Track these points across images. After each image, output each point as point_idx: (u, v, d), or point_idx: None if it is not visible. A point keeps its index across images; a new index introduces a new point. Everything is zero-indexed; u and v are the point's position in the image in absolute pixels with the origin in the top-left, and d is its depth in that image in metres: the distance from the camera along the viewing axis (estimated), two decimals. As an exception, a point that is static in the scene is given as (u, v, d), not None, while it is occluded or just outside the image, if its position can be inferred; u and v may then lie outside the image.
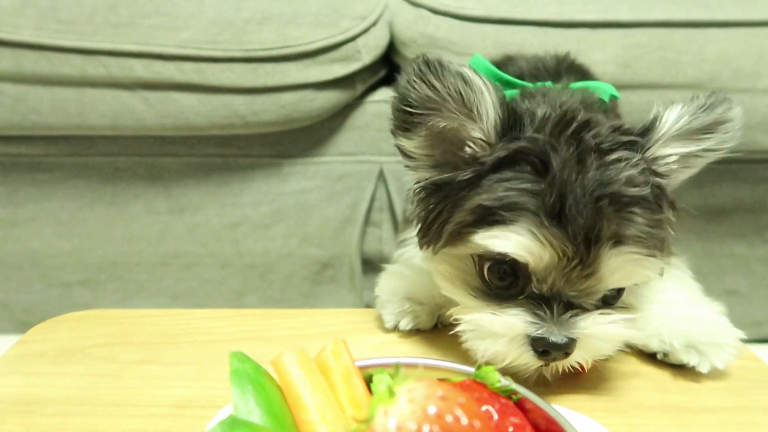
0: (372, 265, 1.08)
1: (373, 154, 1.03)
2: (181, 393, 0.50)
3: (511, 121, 0.47)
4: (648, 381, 0.53)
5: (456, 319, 0.50)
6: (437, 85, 0.46)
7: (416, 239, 0.55)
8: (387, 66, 1.05)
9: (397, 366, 0.30)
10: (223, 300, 1.10)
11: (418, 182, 0.52)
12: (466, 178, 0.48)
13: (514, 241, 0.45)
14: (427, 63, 0.45)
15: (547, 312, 0.46)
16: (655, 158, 0.49)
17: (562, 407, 0.35)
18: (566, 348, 0.46)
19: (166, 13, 0.90)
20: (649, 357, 0.56)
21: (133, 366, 0.54)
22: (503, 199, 0.45)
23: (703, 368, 0.53)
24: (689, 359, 0.53)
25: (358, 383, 0.33)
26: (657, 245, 0.46)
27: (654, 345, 0.55)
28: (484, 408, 0.30)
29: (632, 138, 0.48)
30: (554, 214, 0.44)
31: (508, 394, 0.33)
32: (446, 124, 0.48)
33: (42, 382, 0.52)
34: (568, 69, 0.72)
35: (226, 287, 1.10)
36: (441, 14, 0.93)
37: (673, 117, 0.49)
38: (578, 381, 0.53)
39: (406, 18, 0.96)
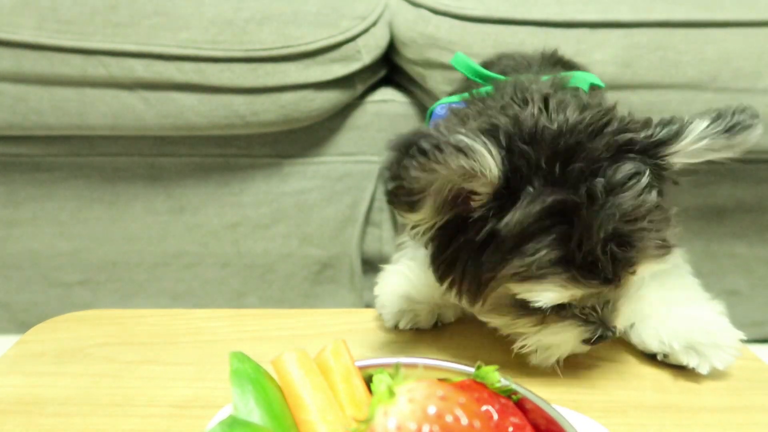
0: (372, 265, 1.08)
1: (373, 154, 1.03)
2: (181, 393, 0.50)
3: (512, 173, 0.46)
4: (648, 381, 0.53)
5: (513, 338, 0.54)
6: (437, 168, 0.43)
7: (413, 243, 0.58)
8: (387, 66, 1.05)
9: (397, 366, 0.30)
10: (223, 300, 1.10)
11: (420, 225, 0.50)
12: (480, 231, 0.47)
13: (548, 295, 0.47)
14: (425, 152, 0.42)
15: (594, 315, 0.50)
16: (666, 164, 0.50)
17: (562, 407, 0.35)
18: (613, 333, 0.50)
19: (166, 13, 0.90)
20: (649, 357, 0.56)
21: (133, 366, 0.54)
22: (532, 264, 0.46)
23: (703, 369, 0.53)
24: (689, 361, 0.53)
25: (358, 383, 0.33)
26: (670, 243, 0.48)
27: (654, 346, 0.55)
28: (483, 408, 0.30)
29: (642, 146, 0.48)
30: (581, 265, 0.46)
31: (508, 394, 0.33)
32: (449, 191, 0.47)
33: (42, 382, 0.52)
34: (553, 63, 0.71)
35: (226, 287, 1.10)
36: (441, 14, 0.93)
37: (695, 133, 0.49)
38: (578, 381, 0.53)
39: (406, 18, 0.96)
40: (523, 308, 0.50)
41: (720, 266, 1.06)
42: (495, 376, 0.32)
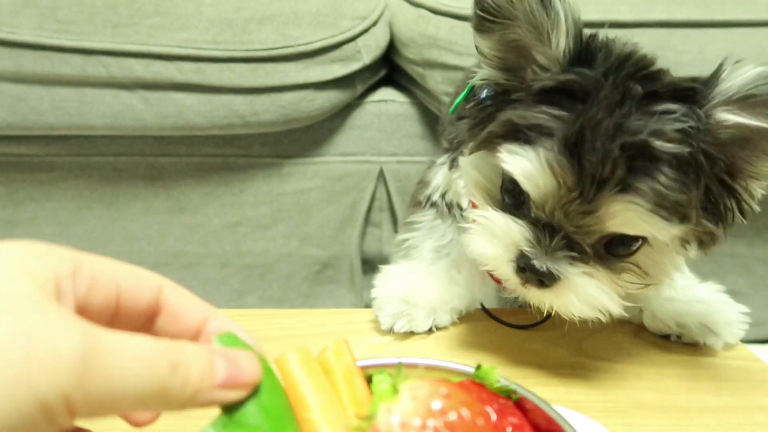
0: (372, 265, 1.08)
1: (373, 154, 1.03)
2: (181, 393, 0.50)
3: (582, 55, 0.46)
4: (648, 381, 0.53)
5: (468, 218, 0.52)
6: (516, 1, 0.45)
7: (427, 222, 0.59)
8: (387, 66, 1.05)
9: (398, 365, 0.30)
10: (223, 300, 1.10)
11: (483, 79, 0.51)
12: (516, 97, 0.48)
13: (519, 162, 0.45)
14: None
15: (546, 239, 0.46)
16: (711, 119, 0.44)
17: (562, 407, 0.35)
18: (543, 277, 0.46)
19: (166, 13, 0.90)
20: (649, 356, 0.56)
21: (133, 366, 0.54)
22: (531, 119, 0.45)
23: (718, 345, 0.56)
24: (705, 339, 0.56)
25: (360, 383, 0.33)
26: (675, 210, 0.43)
27: (670, 328, 0.57)
28: (483, 408, 0.30)
29: (689, 87, 0.45)
30: (569, 145, 0.43)
31: (508, 394, 0.33)
32: (518, 38, 0.48)
33: (42, 382, 0.52)
34: None
35: (226, 287, 1.10)
36: (441, 14, 0.93)
37: (740, 79, 0.44)
38: (578, 381, 0.53)
39: (406, 18, 0.96)
40: (500, 192, 0.50)
41: (720, 266, 1.06)
42: (494, 376, 0.32)
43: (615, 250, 0.47)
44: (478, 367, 0.33)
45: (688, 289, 0.59)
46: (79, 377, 0.22)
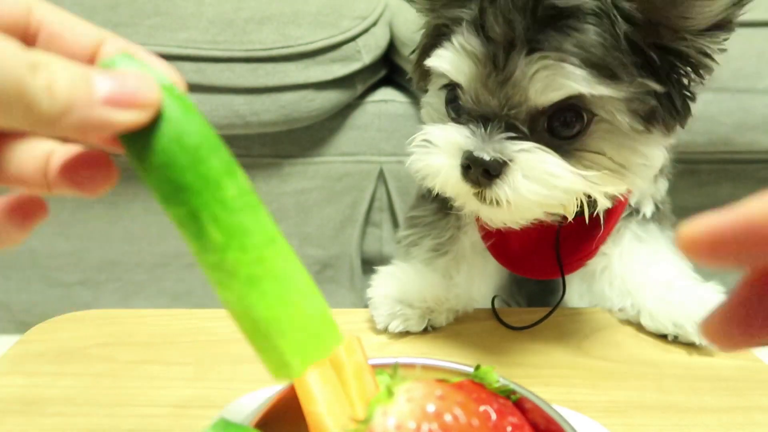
0: (372, 265, 1.08)
1: (373, 154, 1.03)
2: (181, 393, 0.50)
3: None
4: (648, 381, 0.53)
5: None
6: None
7: (429, 216, 0.60)
8: (387, 66, 1.05)
9: (395, 366, 0.30)
10: (223, 300, 1.10)
11: (420, 28, 0.54)
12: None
13: (442, 56, 0.46)
14: None
15: (482, 129, 0.45)
16: None
17: (561, 407, 0.35)
18: (489, 167, 0.44)
19: (166, 13, 0.90)
20: (649, 356, 0.56)
21: (133, 366, 0.54)
22: (446, 15, 0.46)
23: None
24: (702, 339, 0.55)
25: (370, 381, 0.33)
26: (596, 65, 0.43)
27: (668, 329, 0.57)
28: (482, 408, 0.30)
29: None
30: (476, 24, 0.44)
31: (507, 394, 0.33)
32: None
33: (42, 382, 0.52)
34: None
35: (226, 287, 1.10)
36: (441, 14, 0.93)
37: None
38: (578, 381, 0.53)
39: (406, 18, 0.96)
40: (440, 99, 0.51)
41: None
42: (493, 376, 0.32)
43: (559, 132, 0.46)
44: (477, 367, 0.33)
45: (687, 290, 0.59)
46: None
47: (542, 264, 0.60)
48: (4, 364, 0.55)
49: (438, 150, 0.48)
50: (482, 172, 0.44)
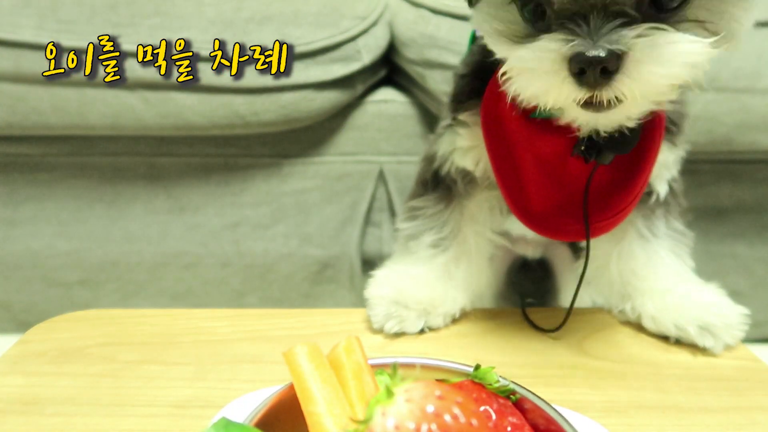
0: (372, 265, 1.08)
1: (373, 154, 1.03)
2: (181, 393, 0.50)
3: None
4: (648, 381, 0.53)
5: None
6: None
7: (429, 208, 0.60)
8: (387, 66, 1.05)
9: (394, 366, 0.30)
10: (223, 300, 1.10)
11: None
12: None
13: None
14: None
15: (583, 26, 0.40)
16: None
17: (561, 407, 0.35)
18: (608, 64, 0.40)
19: (166, 13, 0.90)
20: (650, 356, 0.56)
21: (133, 366, 0.54)
22: None
23: (717, 349, 0.56)
24: (704, 342, 0.56)
25: (369, 381, 0.33)
26: None
27: (671, 331, 0.57)
28: (482, 408, 0.30)
29: None
30: None
31: (507, 394, 0.33)
32: None
33: (42, 382, 0.52)
34: None
35: (226, 287, 1.10)
36: (441, 14, 0.93)
37: None
38: (578, 381, 0.53)
39: (406, 18, 0.96)
40: (522, 22, 0.45)
41: (720, 266, 1.06)
42: (493, 376, 0.32)
43: (666, 4, 0.42)
44: (477, 367, 0.33)
45: (689, 292, 0.59)
46: None
47: (567, 223, 0.56)
48: (4, 364, 0.55)
49: (540, 68, 0.43)
50: (601, 75, 0.40)
